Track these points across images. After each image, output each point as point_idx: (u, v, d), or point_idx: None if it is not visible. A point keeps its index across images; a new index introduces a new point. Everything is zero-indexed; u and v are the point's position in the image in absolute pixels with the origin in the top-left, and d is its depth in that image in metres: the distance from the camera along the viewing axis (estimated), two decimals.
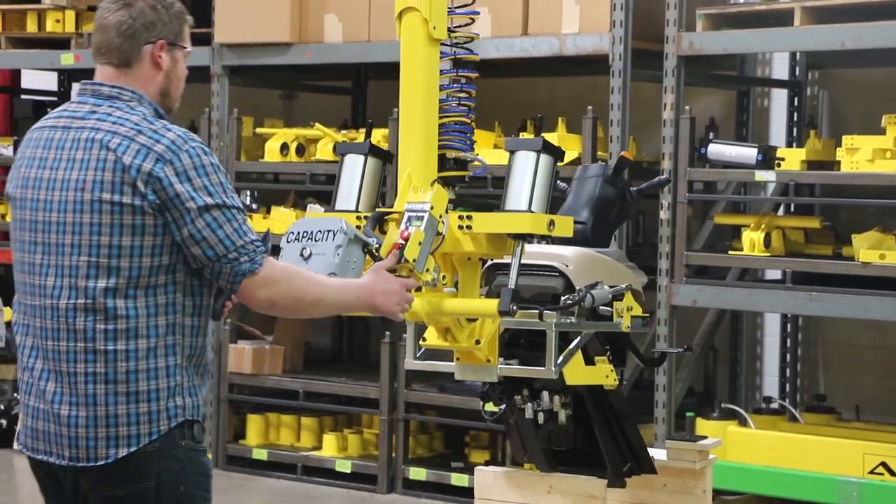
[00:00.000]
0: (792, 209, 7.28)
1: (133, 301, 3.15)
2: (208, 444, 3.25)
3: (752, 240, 6.51)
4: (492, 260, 4.34)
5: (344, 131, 7.82)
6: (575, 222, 4.48)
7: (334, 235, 3.56)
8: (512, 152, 4.11)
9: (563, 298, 4.23)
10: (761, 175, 6.45)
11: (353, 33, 7.48)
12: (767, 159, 6.48)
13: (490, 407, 4.60)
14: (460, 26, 4.16)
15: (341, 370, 8.18)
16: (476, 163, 4.16)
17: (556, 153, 4.10)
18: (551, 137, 6.90)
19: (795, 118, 7.45)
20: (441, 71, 4.09)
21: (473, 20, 4.20)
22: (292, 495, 7.46)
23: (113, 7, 3.27)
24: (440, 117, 4.10)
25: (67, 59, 8.44)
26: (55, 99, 9.62)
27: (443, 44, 4.08)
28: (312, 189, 7.83)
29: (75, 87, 6.29)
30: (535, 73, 7.76)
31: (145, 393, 3.16)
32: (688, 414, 5.42)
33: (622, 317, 4.34)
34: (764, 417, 6.79)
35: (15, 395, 8.56)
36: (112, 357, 3.14)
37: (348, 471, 7.50)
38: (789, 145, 7.30)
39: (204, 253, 3.15)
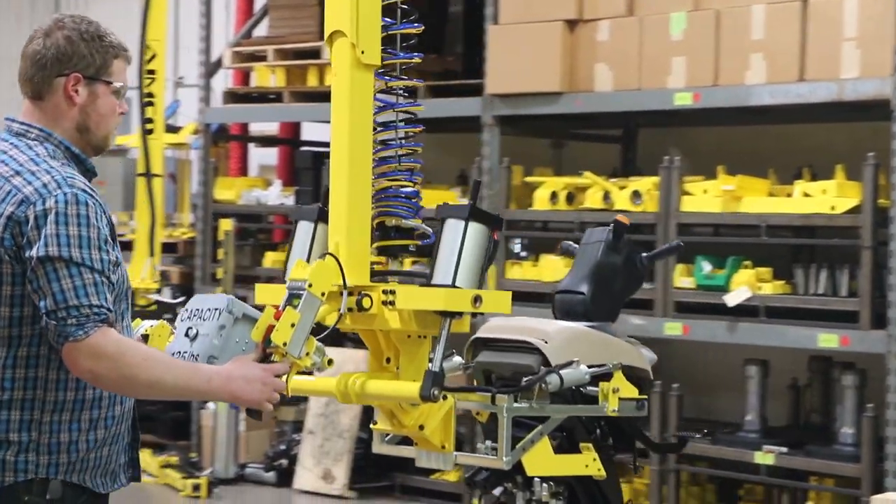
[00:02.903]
0: None
1: None
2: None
3: None
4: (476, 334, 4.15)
5: (613, 179, 7.81)
6: (574, 292, 4.22)
7: (219, 314, 3.31)
8: (441, 220, 3.76)
9: (524, 379, 3.92)
10: None
11: (624, 81, 7.48)
12: None
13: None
14: (404, 68, 3.87)
15: None
16: (422, 231, 3.83)
17: (489, 220, 3.71)
18: (829, 185, 6.75)
19: None
20: (383, 126, 3.82)
21: (413, 62, 3.91)
22: None
23: (36, 36, 3.16)
24: (378, 180, 3.80)
25: None
26: None
27: (383, 92, 3.82)
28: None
29: None
30: (811, 119, 7.59)
31: None
32: None
33: (608, 399, 3.95)
34: None
35: (294, 436, 8.86)
36: None
37: None
38: None
39: (39, 303, 2.95)
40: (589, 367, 4.00)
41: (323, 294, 3.42)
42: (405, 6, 3.87)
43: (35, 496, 3.01)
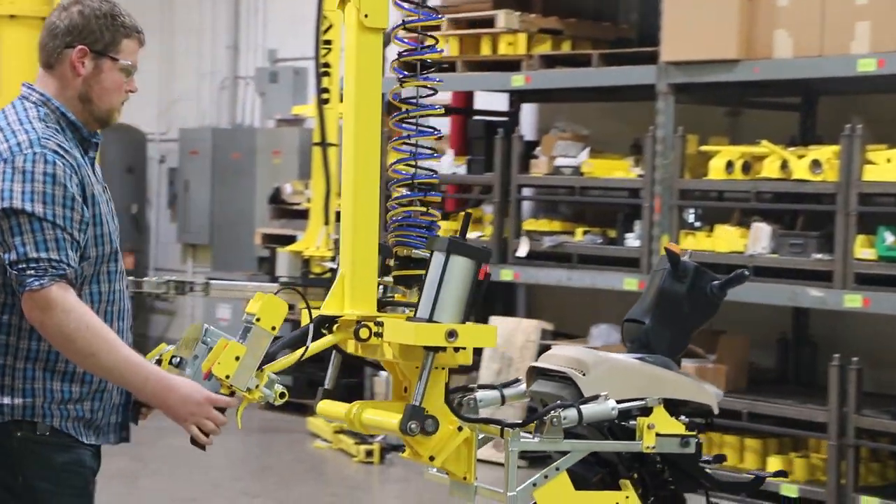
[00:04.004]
0: None
1: None
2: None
3: None
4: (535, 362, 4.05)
5: (791, 148, 7.65)
6: (636, 321, 4.07)
7: (196, 344, 3.36)
8: (431, 252, 3.68)
9: (535, 414, 3.85)
10: None
11: (804, 48, 7.31)
12: None
13: None
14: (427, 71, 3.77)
15: (787, 391, 7.98)
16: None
17: (473, 254, 3.58)
18: None
19: None
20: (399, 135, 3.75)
21: (435, 91, 3.80)
22: None
23: (58, 8, 3.32)
24: (393, 202, 3.73)
25: (518, 80, 8.73)
26: (505, 119, 9.95)
27: (405, 100, 3.74)
28: (758, 207, 7.70)
29: None
30: None
31: None
32: None
33: (643, 435, 3.80)
34: None
35: None
36: None
37: (794, 495, 7.31)
38: None
39: (3, 255, 3.12)
40: (621, 401, 3.87)
41: (273, 328, 3.39)
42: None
43: (26, 432, 3.18)
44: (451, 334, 3.54)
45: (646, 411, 3.84)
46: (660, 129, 8.00)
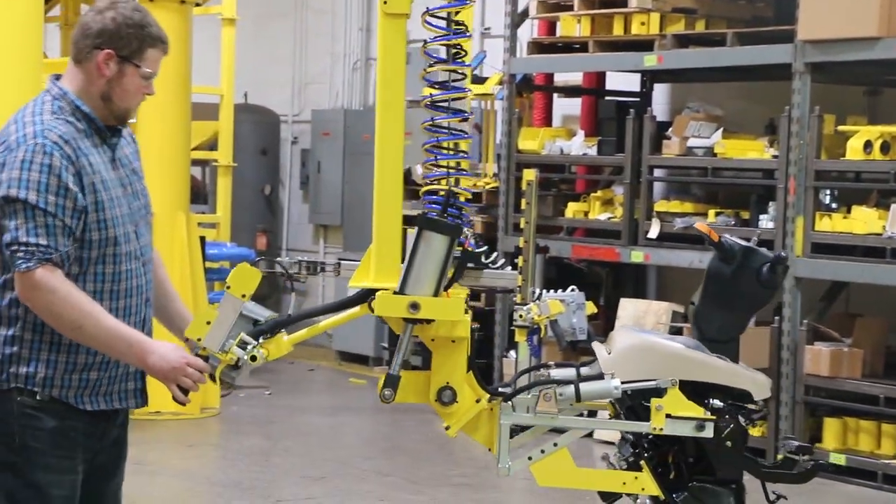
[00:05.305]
0: None
1: None
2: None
3: None
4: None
5: None
6: (692, 302, 3.98)
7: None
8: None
9: (519, 388, 3.82)
10: None
11: None
12: None
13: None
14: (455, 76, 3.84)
15: None
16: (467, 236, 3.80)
17: (444, 229, 3.64)
18: None
19: None
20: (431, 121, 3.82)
21: (464, 75, 3.85)
22: None
23: (93, 10, 3.58)
24: (423, 180, 3.80)
25: (650, 60, 8.64)
26: (637, 100, 9.85)
27: (433, 105, 3.82)
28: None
29: None
30: None
31: None
32: None
33: (652, 416, 3.70)
34: None
35: None
36: None
37: None
38: None
39: (2, 237, 3.40)
40: (627, 381, 3.79)
41: (244, 295, 3.60)
42: None
43: (26, 397, 3.47)
44: (414, 306, 3.64)
45: (657, 392, 3.76)
46: (796, 108, 7.86)
